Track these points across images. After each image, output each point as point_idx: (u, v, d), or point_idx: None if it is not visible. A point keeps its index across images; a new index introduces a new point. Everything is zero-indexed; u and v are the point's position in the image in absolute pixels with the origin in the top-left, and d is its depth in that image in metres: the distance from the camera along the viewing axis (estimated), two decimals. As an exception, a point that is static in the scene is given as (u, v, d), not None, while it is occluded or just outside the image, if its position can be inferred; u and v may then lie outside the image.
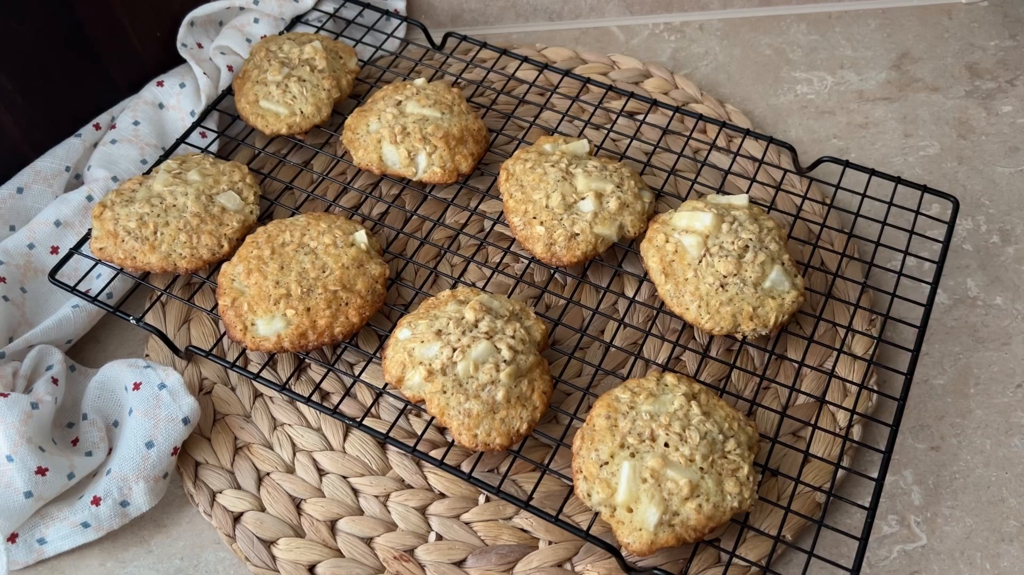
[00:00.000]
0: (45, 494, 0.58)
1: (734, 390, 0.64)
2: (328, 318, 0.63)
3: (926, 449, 0.64)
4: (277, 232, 0.67)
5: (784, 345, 0.66)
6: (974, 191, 0.77)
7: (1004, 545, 0.59)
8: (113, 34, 0.77)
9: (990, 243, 0.74)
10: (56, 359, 0.64)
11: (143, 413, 0.61)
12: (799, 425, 0.62)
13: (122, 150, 0.75)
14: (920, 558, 0.59)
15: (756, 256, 0.62)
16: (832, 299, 0.67)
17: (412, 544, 0.59)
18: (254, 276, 0.64)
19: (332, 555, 0.59)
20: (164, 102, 0.79)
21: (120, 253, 0.67)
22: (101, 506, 0.58)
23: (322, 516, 0.60)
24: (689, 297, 0.62)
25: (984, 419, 0.65)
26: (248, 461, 0.62)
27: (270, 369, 0.66)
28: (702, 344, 0.66)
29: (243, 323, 0.63)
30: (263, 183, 0.75)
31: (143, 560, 0.60)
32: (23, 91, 0.72)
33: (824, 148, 0.80)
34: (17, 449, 0.56)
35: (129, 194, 0.69)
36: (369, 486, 0.61)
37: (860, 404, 0.63)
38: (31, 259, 0.69)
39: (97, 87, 0.78)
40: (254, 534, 0.59)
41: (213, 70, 0.80)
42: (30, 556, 0.58)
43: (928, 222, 0.73)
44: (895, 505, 0.61)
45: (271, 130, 0.76)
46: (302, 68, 0.77)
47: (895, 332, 0.68)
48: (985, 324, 0.69)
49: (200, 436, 0.63)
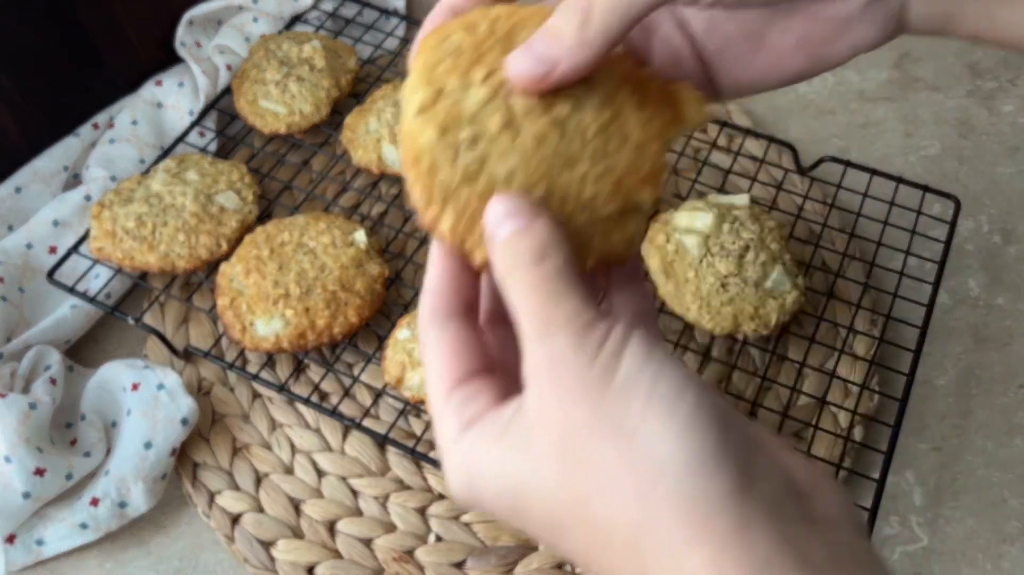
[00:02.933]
0: (43, 495, 0.57)
1: (735, 391, 0.64)
2: (327, 318, 0.63)
3: (927, 450, 0.63)
4: (276, 232, 0.67)
5: (785, 345, 0.65)
6: (976, 191, 0.77)
7: (1006, 546, 0.59)
8: (112, 33, 0.77)
9: (992, 243, 0.74)
10: (54, 359, 0.64)
11: (142, 414, 0.61)
12: (800, 426, 0.62)
13: (120, 149, 0.75)
14: (922, 559, 0.59)
15: (757, 256, 0.62)
16: (833, 299, 0.67)
17: (412, 545, 0.59)
18: (253, 276, 0.64)
19: (331, 556, 0.58)
20: (163, 101, 0.79)
21: (118, 253, 0.66)
22: (100, 507, 0.58)
23: (321, 517, 0.60)
24: (690, 297, 0.62)
25: (986, 419, 0.65)
26: (247, 462, 0.62)
27: (269, 369, 0.65)
28: (703, 345, 0.66)
29: (242, 323, 0.63)
30: (262, 183, 0.75)
31: (142, 561, 0.59)
32: (21, 90, 0.72)
33: (825, 148, 0.80)
34: (15, 450, 0.56)
35: (127, 194, 0.69)
36: (368, 487, 0.61)
37: (861, 405, 0.63)
38: (29, 259, 0.69)
39: (95, 86, 0.78)
40: (253, 535, 0.59)
41: (212, 69, 0.80)
42: (28, 557, 0.58)
43: (929, 222, 0.72)
44: (896, 506, 0.61)
45: (270, 129, 0.75)
46: (301, 67, 0.77)
47: (896, 332, 0.68)
48: (987, 324, 0.69)
49: (199, 437, 0.63)
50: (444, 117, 0.28)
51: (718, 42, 0.33)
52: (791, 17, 0.32)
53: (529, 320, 0.24)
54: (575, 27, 0.27)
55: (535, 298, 0.24)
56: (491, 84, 0.29)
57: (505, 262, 0.25)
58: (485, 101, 0.28)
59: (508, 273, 0.25)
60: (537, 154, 0.28)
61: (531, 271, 0.24)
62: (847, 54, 0.32)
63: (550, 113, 0.29)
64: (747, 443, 0.23)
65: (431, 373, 0.28)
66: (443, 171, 0.29)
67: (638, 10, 0.27)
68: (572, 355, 0.23)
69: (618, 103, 0.29)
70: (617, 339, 0.23)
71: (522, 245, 0.25)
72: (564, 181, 0.29)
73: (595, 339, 0.23)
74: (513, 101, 0.29)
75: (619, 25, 0.27)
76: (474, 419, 0.26)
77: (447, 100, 0.28)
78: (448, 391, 0.27)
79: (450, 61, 0.29)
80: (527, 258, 0.25)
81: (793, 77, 0.33)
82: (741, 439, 0.22)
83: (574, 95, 0.29)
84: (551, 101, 0.29)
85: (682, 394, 0.22)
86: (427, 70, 0.29)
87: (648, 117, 0.30)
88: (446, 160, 0.28)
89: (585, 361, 0.22)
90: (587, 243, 0.30)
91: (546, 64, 0.27)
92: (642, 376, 0.22)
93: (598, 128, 0.29)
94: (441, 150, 0.28)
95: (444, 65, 0.29)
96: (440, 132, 0.28)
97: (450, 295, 0.29)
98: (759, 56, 0.33)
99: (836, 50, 0.31)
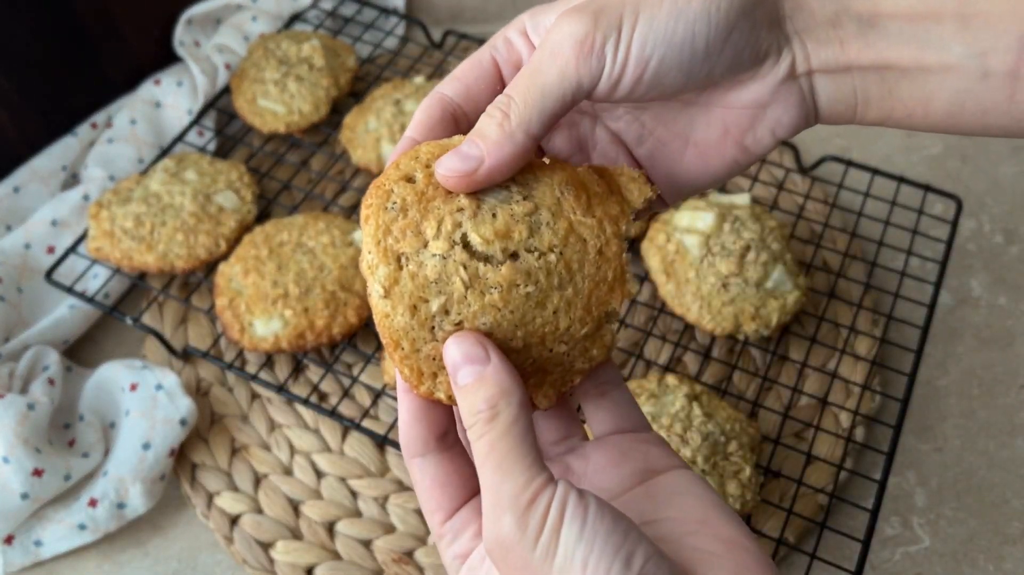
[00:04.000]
0: (41, 496, 0.57)
1: (736, 391, 0.64)
2: (326, 318, 0.62)
3: (929, 450, 0.63)
4: (275, 232, 0.66)
5: (786, 346, 0.65)
6: (977, 190, 0.76)
7: (1007, 547, 0.59)
8: (110, 32, 0.76)
9: (993, 243, 0.74)
10: (52, 360, 0.64)
11: (140, 414, 0.61)
12: (801, 426, 0.62)
13: (119, 149, 0.75)
14: (923, 560, 0.59)
15: (758, 256, 0.62)
16: (835, 299, 0.67)
17: (411, 546, 0.59)
18: (251, 276, 0.64)
19: (330, 557, 0.58)
20: (161, 101, 0.79)
21: (117, 253, 0.66)
22: (98, 508, 0.58)
23: (320, 518, 0.60)
24: (691, 297, 0.62)
25: (987, 420, 0.64)
26: (246, 462, 0.62)
27: (268, 370, 0.65)
28: (703, 345, 0.66)
29: (240, 323, 0.63)
30: (261, 182, 0.75)
31: (140, 562, 0.59)
32: (20, 90, 0.71)
33: (826, 147, 0.80)
34: (13, 450, 0.56)
35: (126, 193, 0.68)
36: (368, 488, 0.61)
37: (863, 405, 0.63)
38: (27, 259, 0.68)
39: (94, 86, 0.78)
40: (252, 536, 0.59)
41: (211, 68, 0.80)
42: (26, 558, 0.58)
43: (931, 222, 0.72)
44: (898, 507, 0.61)
45: (269, 129, 0.75)
46: (300, 66, 0.77)
47: (898, 332, 0.67)
48: (988, 324, 0.69)
49: (197, 437, 0.63)
50: (411, 293, 0.29)
51: (649, 145, 0.35)
52: (710, 110, 0.33)
53: (485, 495, 0.28)
54: (496, 124, 0.30)
55: (489, 465, 0.28)
56: (444, 235, 0.29)
57: (465, 412, 0.29)
58: (444, 257, 0.29)
59: (469, 428, 0.29)
60: (508, 305, 0.29)
61: (485, 428, 0.28)
62: (770, 140, 0.33)
63: (509, 242, 0.29)
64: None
65: (424, 507, 0.32)
66: (425, 347, 0.30)
67: (553, 103, 0.30)
68: (517, 538, 0.27)
69: (566, 211, 0.30)
70: (555, 517, 0.27)
71: (478, 396, 0.28)
72: (539, 323, 0.30)
73: (536, 520, 0.27)
74: (472, 237, 0.29)
75: (538, 118, 0.30)
76: (465, 554, 0.31)
77: (408, 270, 0.29)
78: (440, 525, 0.31)
79: (400, 222, 0.29)
80: (484, 415, 0.28)
81: (728, 169, 0.34)
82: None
83: (526, 220, 0.30)
84: (506, 229, 0.30)
85: (608, 574, 0.26)
86: (380, 237, 0.29)
87: (600, 217, 0.31)
88: (425, 337, 0.29)
89: (528, 545, 0.26)
90: (569, 367, 0.31)
91: (472, 162, 0.29)
92: (577, 558, 0.26)
93: (559, 248, 0.30)
94: (418, 330, 0.29)
95: (396, 227, 0.29)
96: (411, 312, 0.29)
97: (422, 430, 0.31)
98: (689, 152, 0.34)
99: (759, 136, 0.33)
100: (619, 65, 0.30)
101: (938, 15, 0.29)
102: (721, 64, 0.30)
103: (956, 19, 0.29)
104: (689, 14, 0.29)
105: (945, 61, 0.30)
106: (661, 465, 0.33)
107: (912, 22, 0.30)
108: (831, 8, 0.30)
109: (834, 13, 0.30)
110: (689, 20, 0.29)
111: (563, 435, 0.35)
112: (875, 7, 0.30)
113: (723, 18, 0.29)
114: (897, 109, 0.31)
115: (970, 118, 0.31)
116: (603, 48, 0.29)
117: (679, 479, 0.32)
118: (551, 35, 0.30)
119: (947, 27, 0.29)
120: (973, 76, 0.30)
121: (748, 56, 0.31)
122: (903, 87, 0.31)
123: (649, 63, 0.30)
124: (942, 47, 0.29)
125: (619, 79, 0.30)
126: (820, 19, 0.31)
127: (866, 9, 0.30)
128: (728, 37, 0.30)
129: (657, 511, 0.31)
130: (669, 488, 0.32)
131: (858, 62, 0.31)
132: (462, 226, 0.29)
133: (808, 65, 0.31)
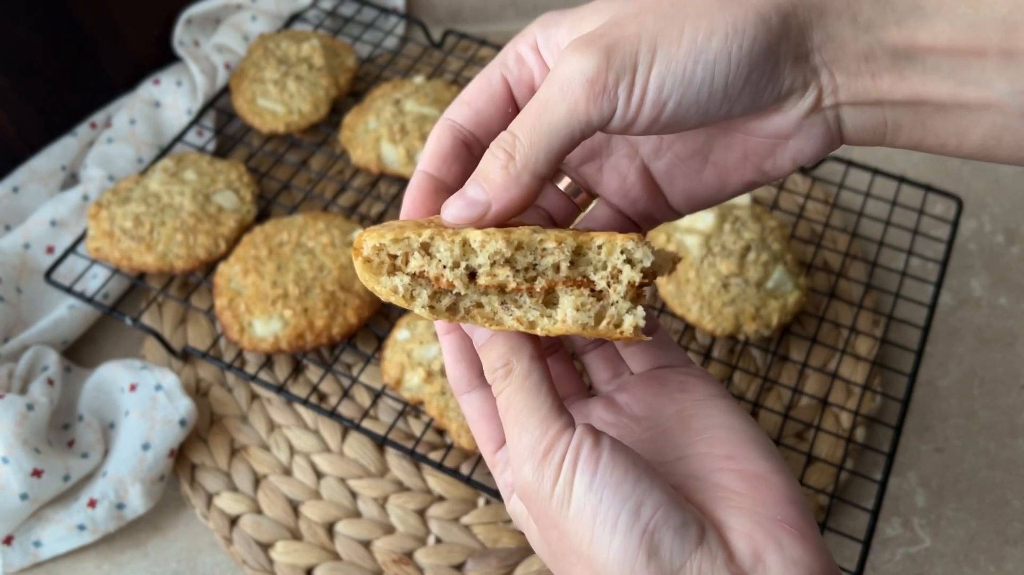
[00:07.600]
0: (41, 496, 0.57)
1: (736, 391, 0.64)
2: (326, 318, 0.62)
3: (930, 451, 0.63)
4: (274, 232, 0.66)
5: (787, 346, 0.65)
6: (978, 190, 0.76)
7: (1008, 547, 0.59)
8: (109, 32, 0.76)
9: (994, 243, 0.73)
10: (52, 360, 0.64)
11: (139, 415, 0.61)
12: (802, 427, 0.62)
13: (118, 149, 0.75)
14: (924, 561, 0.58)
15: (759, 256, 0.62)
16: (835, 299, 0.67)
17: (411, 547, 0.58)
18: (251, 276, 0.64)
19: (330, 558, 0.58)
20: (161, 100, 0.79)
21: (116, 253, 0.66)
22: (97, 508, 0.58)
23: (320, 519, 0.60)
24: (691, 298, 0.62)
25: (988, 420, 0.64)
26: (245, 463, 0.62)
27: (267, 370, 0.65)
28: (704, 345, 0.66)
29: (240, 324, 0.63)
30: (260, 182, 0.75)
31: (139, 563, 0.59)
32: (19, 89, 0.71)
33: (826, 147, 0.80)
34: (12, 451, 0.56)
35: (125, 193, 0.68)
36: (367, 488, 0.61)
37: (863, 405, 0.62)
38: (27, 259, 0.68)
39: (93, 85, 0.77)
40: (251, 537, 0.59)
41: (210, 68, 0.80)
42: (25, 559, 0.58)
43: (932, 222, 0.72)
44: (898, 507, 0.61)
45: (268, 128, 0.75)
46: (300, 66, 0.77)
47: (899, 333, 0.67)
48: (989, 325, 0.69)
49: (197, 438, 0.63)
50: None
51: (667, 159, 0.34)
52: (730, 135, 0.32)
53: (509, 446, 0.30)
54: (501, 167, 0.29)
55: (509, 418, 0.30)
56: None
57: (487, 372, 0.31)
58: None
59: (492, 385, 0.31)
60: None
61: (503, 384, 0.30)
62: (790, 166, 0.32)
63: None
64: (680, 540, 0.28)
65: (476, 439, 0.35)
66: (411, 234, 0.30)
67: (560, 143, 0.29)
68: (536, 487, 0.29)
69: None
70: (568, 469, 0.28)
71: (493, 354, 0.30)
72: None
73: (551, 472, 0.28)
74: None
75: (545, 159, 0.29)
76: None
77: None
78: (492, 454, 0.34)
79: (393, 231, 0.29)
80: (500, 372, 0.30)
81: (743, 188, 0.34)
82: (673, 538, 0.28)
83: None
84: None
85: (615, 524, 0.27)
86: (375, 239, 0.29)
87: None
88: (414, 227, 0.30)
89: (545, 495, 0.28)
90: None
91: (479, 207, 0.29)
92: (587, 507, 0.28)
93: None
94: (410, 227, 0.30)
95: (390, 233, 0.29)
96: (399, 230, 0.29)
97: (464, 369, 0.34)
98: (706, 172, 0.34)
99: (779, 163, 0.32)
100: (634, 107, 0.28)
101: (981, 50, 0.28)
102: (740, 104, 0.29)
103: (1000, 55, 0.27)
104: (709, 54, 0.28)
105: (985, 97, 0.28)
106: (699, 394, 0.34)
107: (951, 56, 0.28)
108: (864, 40, 0.29)
109: (867, 46, 0.29)
110: (709, 61, 0.28)
111: (613, 374, 0.37)
112: (912, 39, 0.28)
113: (744, 57, 0.28)
114: (929, 138, 0.30)
115: (1006, 151, 0.29)
116: (616, 88, 0.28)
117: (714, 410, 0.33)
118: (560, 69, 0.28)
119: (990, 63, 0.28)
120: (1014, 113, 0.28)
121: (769, 96, 0.29)
122: (936, 120, 0.29)
123: (666, 106, 0.28)
124: (983, 83, 0.28)
125: (633, 120, 0.29)
126: (852, 52, 0.29)
127: (902, 41, 0.28)
128: (748, 77, 0.28)
129: (690, 445, 0.32)
130: (703, 420, 0.33)
131: (890, 96, 0.29)
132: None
133: (836, 98, 0.30)
